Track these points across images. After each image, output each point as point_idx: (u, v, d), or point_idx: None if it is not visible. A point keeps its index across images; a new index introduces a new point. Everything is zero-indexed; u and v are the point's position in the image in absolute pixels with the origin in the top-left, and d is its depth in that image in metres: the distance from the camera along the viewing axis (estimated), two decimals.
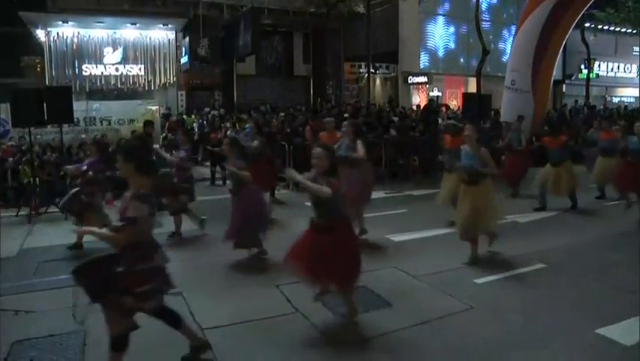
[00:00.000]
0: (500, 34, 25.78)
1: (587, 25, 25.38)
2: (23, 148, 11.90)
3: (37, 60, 22.57)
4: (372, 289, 5.63)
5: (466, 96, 15.67)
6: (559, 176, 9.40)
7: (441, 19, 24.95)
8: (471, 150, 6.50)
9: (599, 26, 26.69)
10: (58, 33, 19.01)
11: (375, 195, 8.93)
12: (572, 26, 17.00)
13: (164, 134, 15.29)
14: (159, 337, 4.49)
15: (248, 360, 4.24)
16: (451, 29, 25.24)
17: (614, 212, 9.32)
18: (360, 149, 7.37)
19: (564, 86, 29.08)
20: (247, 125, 11.77)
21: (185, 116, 18.08)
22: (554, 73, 17.88)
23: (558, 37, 16.45)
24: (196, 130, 16.79)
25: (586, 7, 16.79)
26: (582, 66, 28.09)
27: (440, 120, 16.55)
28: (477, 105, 13.70)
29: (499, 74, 22.22)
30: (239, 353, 4.32)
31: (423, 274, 6.12)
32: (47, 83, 18.19)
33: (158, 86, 20.38)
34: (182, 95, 20.90)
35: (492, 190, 6.56)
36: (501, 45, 25.72)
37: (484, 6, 24.18)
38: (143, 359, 4.25)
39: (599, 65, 29.73)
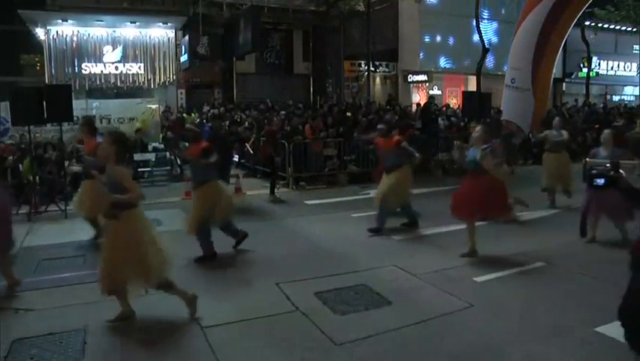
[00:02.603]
0: (500, 32, 25.75)
1: (587, 23, 25.38)
2: (22, 146, 11.89)
3: (36, 58, 22.57)
4: (372, 287, 5.64)
5: (466, 95, 15.70)
6: (390, 185, 8.01)
7: (441, 17, 24.90)
8: (108, 171, 4.69)
9: (599, 25, 26.68)
10: (57, 31, 18.99)
11: (374, 193, 8.88)
12: (572, 24, 17.02)
13: (163, 134, 15.29)
14: (147, 340, 4.51)
15: (248, 358, 4.24)
16: (451, 27, 25.20)
17: None
18: None
19: (564, 84, 29.09)
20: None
21: (184, 115, 18.08)
22: (554, 71, 17.90)
23: (558, 35, 16.47)
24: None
25: (586, 5, 16.81)
26: (582, 65, 28.11)
27: (440, 120, 16.56)
28: (477, 104, 13.70)
29: (499, 73, 22.26)
30: (239, 351, 4.32)
31: (423, 272, 6.13)
32: (47, 81, 18.19)
33: (158, 84, 20.37)
34: (181, 93, 20.90)
35: (140, 223, 4.76)
36: (501, 43, 25.67)
37: (484, 4, 24.16)
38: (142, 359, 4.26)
39: (599, 64, 29.73)
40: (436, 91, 25.98)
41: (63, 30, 19.03)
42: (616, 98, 30.85)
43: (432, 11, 24.38)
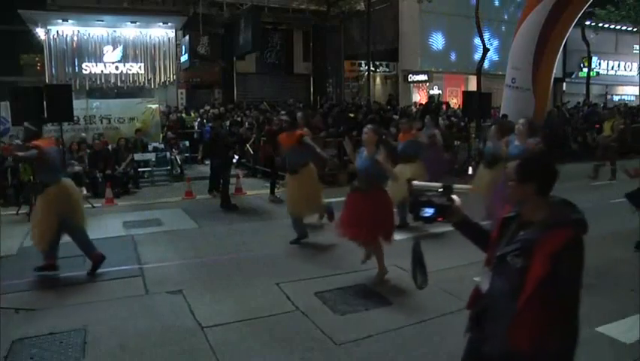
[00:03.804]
0: (501, 32, 25.74)
1: (588, 23, 25.36)
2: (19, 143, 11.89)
3: (36, 58, 22.58)
4: (373, 287, 5.63)
5: (466, 94, 15.69)
6: (296, 189, 7.22)
7: (441, 17, 24.88)
8: None
9: (600, 24, 26.68)
10: (57, 31, 19.00)
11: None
12: (572, 24, 16.98)
13: (163, 133, 15.30)
14: (147, 340, 4.51)
15: (248, 358, 4.24)
16: (452, 27, 25.17)
17: (615, 210, 9.31)
18: None
19: (564, 84, 29.07)
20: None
21: (184, 115, 18.08)
22: (555, 71, 17.88)
23: (558, 35, 16.43)
24: (196, 128, 16.80)
25: (586, 6, 16.79)
26: (582, 64, 28.11)
27: (440, 119, 16.55)
28: (477, 103, 13.69)
29: (500, 72, 22.25)
30: (239, 351, 4.32)
31: None
32: (47, 81, 18.19)
33: (158, 84, 20.37)
34: (182, 93, 20.91)
35: None
36: (502, 43, 25.67)
37: (484, 3, 24.17)
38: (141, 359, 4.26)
39: (600, 63, 29.71)
40: (436, 91, 25.97)
41: (63, 30, 19.04)
42: (616, 97, 30.83)
43: (432, 11, 24.37)
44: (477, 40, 20.18)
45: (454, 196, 2.59)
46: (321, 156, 7.40)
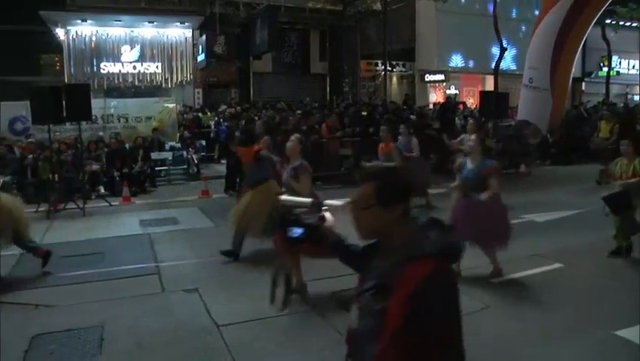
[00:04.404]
0: (519, 32, 25.48)
1: (608, 21, 24.97)
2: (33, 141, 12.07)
3: (56, 58, 22.84)
4: None
5: (483, 94, 15.55)
6: (253, 205, 6.55)
7: (458, 17, 24.69)
8: None
9: (620, 22, 26.26)
10: (77, 31, 19.21)
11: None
12: (592, 23, 16.77)
13: (180, 133, 15.40)
14: (163, 338, 4.54)
15: (263, 358, 4.25)
16: (469, 26, 24.97)
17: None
18: None
19: (584, 83, 28.68)
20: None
21: (200, 114, 18.18)
22: (573, 70, 17.67)
23: (577, 34, 16.25)
24: (212, 128, 16.88)
25: (605, 5, 16.56)
26: (601, 64, 27.70)
27: (457, 119, 16.45)
28: (494, 103, 13.56)
29: (518, 72, 22.03)
30: (254, 351, 4.34)
31: None
32: (66, 80, 18.41)
33: (175, 83, 20.50)
34: (198, 92, 21.02)
35: None
36: (519, 43, 25.44)
37: (502, 3, 23.94)
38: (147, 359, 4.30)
39: (620, 62, 29.25)
40: (453, 90, 25.81)
41: (82, 30, 19.25)
42: (637, 97, 30.30)
43: (449, 10, 24.23)
44: (494, 40, 19.97)
45: (326, 214, 2.23)
46: (279, 171, 6.51)
